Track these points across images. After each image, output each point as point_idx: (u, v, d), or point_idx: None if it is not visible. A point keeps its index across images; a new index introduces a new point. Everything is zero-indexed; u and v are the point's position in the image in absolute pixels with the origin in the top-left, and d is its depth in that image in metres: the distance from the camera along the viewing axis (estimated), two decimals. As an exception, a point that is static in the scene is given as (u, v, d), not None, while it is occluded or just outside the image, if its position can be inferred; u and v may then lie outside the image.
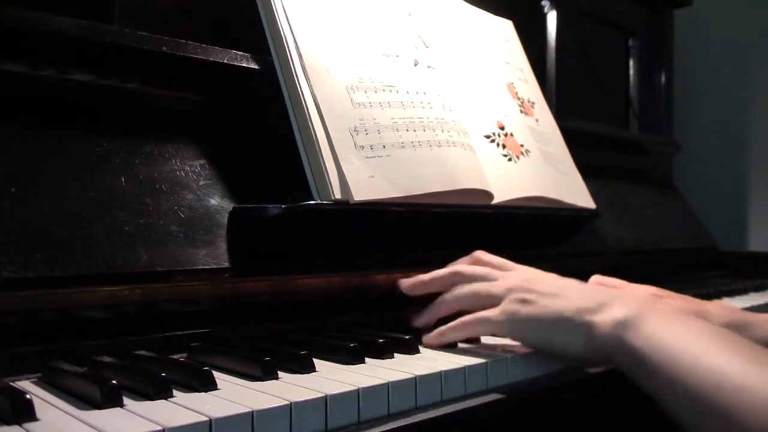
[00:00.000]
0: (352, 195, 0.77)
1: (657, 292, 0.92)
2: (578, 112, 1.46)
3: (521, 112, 1.11)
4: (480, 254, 0.80)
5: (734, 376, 0.56)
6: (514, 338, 0.71)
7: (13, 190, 0.64)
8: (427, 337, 0.74)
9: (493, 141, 1.01)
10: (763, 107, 1.94)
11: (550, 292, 0.70)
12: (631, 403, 0.68)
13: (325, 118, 0.79)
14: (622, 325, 0.64)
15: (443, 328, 0.73)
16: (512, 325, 0.70)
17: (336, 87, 0.82)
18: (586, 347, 0.66)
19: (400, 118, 0.86)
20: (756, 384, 0.55)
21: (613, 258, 1.26)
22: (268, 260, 0.78)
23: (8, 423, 0.46)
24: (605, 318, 0.65)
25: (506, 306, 0.70)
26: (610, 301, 0.67)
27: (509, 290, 0.72)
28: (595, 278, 0.94)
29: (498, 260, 0.79)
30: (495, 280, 0.74)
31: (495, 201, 0.95)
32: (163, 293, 0.70)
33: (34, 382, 0.59)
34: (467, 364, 0.64)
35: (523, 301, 0.70)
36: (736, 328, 0.84)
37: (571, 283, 0.73)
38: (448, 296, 0.77)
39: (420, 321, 0.78)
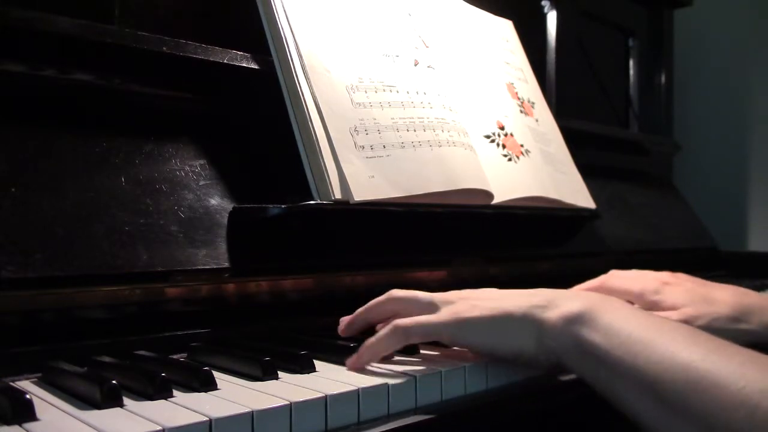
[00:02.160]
0: (352, 195, 0.77)
1: (671, 276, 0.92)
2: (578, 112, 1.46)
3: (521, 112, 1.11)
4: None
5: (709, 372, 0.51)
6: (457, 343, 0.65)
7: (13, 190, 0.64)
8: (351, 360, 0.63)
9: (493, 141, 1.01)
10: (763, 107, 1.94)
11: (493, 297, 0.66)
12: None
13: (325, 118, 0.79)
14: (577, 319, 0.58)
15: (372, 339, 0.63)
16: (456, 326, 0.63)
17: (336, 87, 0.82)
18: (539, 347, 0.60)
19: (400, 118, 0.86)
20: (735, 381, 0.50)
21: (613, 258, 1.26)
22: (268, 260, 0.78)
23: (8, 423, 0.46)
24: (557, 313, 0.60)
25: (451, 308, 0.64)
26: (561, 298, 0.61)
27: (449, 301, 0.66)
28: (604, 276, 0.94)
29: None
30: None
31: (495, 201, 0.95)
32: (163, 293, 0.70)
33: (34, 382, 0.59)
34: (467, 364, 0.64)
35: (470, 307, 0.64)
36: (745, 312, 0.84)
37: (517, 291, 0.67)
38: (377, 300, 0.70)
39: (344, 329, 0.71)
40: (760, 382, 0.49)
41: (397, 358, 0.67)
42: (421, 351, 0.70)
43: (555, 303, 0.61)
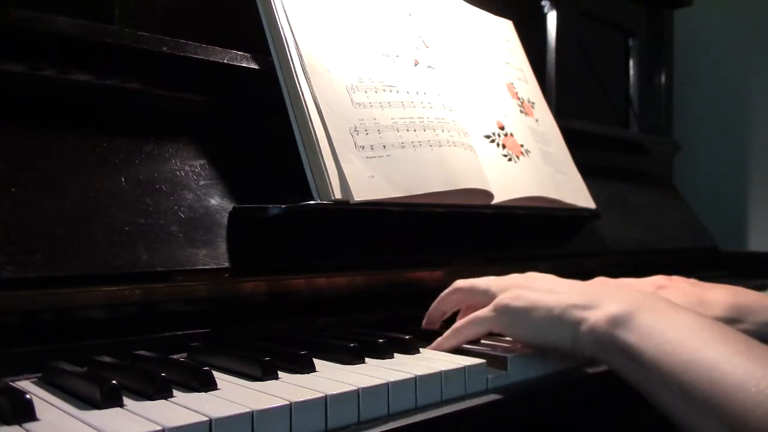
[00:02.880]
0: (352, 195, 0.77)
1: (665, 279, 0.92)
2: (578, 112, 1.46)
3: (521, 112, 1.11)
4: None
5: (734, 373, 0.55)
6: (505, 333, 0.71)
7: (13, 190, 0.64)
8: (436, 342, 0.73)
9: (493, 141, 1.01)
10: (763, 107, 1.94)
11: (543, 287, 0.70)
12: (629, 404, 0.67)
13: (325, 118, 0.79)
14: (615, 321, 0.62)
15: (438, 339, 0.72)
16: (502, 319, 0.69)
17: (336, 87, 0.82)
18: (575, 343, 0.65)
19: (400, 118, 0.86)
20: (756, 382, 0.53)
21: (613, 258, 1.26)
22: (268, 260, 0.78)
23: (8, 423, 0.46)
24: (597, 315, 0.64)
25: (498, 301, 0.70)
26: (604, 299, 0.65)
27: (503, 287, 0.72)
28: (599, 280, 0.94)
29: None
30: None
31: (495, 201, 0.95)
32: (163, 293, 0.70)
33: (34, 382, 0.59)
34: (467, 364, 0.64)
35: (515, 297, 0.69)
36: (740, 312, 0.84)
37: (566, 281, 0.72)
38: (445, 292, 0.78)
39: (426, 323, 0.80)
40: None
41: (396, 356, 0.67)
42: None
43: (596, 303, 0.65)
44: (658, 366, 0.58)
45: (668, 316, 0.62)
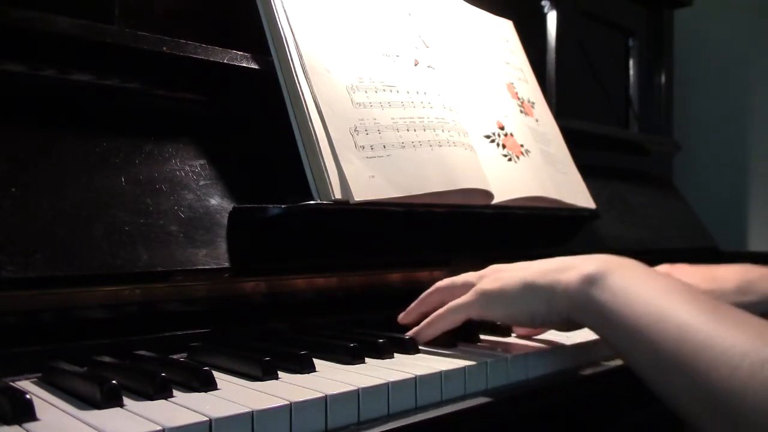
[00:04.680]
0: (352, 195, 0.77)
1: (671, 267, 0.93)
2: (578, 112, 1.46)
3: (521, 112, 1.11)
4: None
5: (700, 332, 0.55)
6: (485, 315, 0.71)
7: (13, 190, 0.64)
8: (412, 331, 0.74)
9: (493, 141, 1.01)
10: (763, 107, 1.94)
11: (518, 267, 0.71)
12: (627, 403, 0.68)
13: (325, 118, 0.79)
14: (589, 279, 0.63)
15: (419, 326, 0.73)
16: (481, 302, 0.70)
17: (336, 87, 0.82)
18: (550, 306, 0.66)
19: (400, 118, 0.86)
20: (721, 342, 0.54)
21: (613, 258, 1.26)
22: (268, 260, 0.78)
23: (8, 423, 0.46)
24: (571, 275, 0.65)
25: (477, 287, 0.71)
26: (578, 261, 0.66)
27: (481, 276, 0.73)
28: None
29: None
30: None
31: (495, 201, 0.95)
32: (163, 293, 0.70)
33: (34, 382, 0.59)
34: (467, 364, 0.64)
35: (492, 280, 0.71)
36: (748, 285, 0.86)
37: (542, 261, 0.72)
38: (425, 293, 0.78)
39: (403, 317, 0.79)
40: (743, 345, 0.53)
41: (396, 356, 0.67)
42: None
43: (571, 265, 0.66)
44: (629, 324, 0.60)
45: (641, 277, 0.63)
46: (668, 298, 0.60)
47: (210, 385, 0.55)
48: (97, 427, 0.45)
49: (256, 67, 0.85)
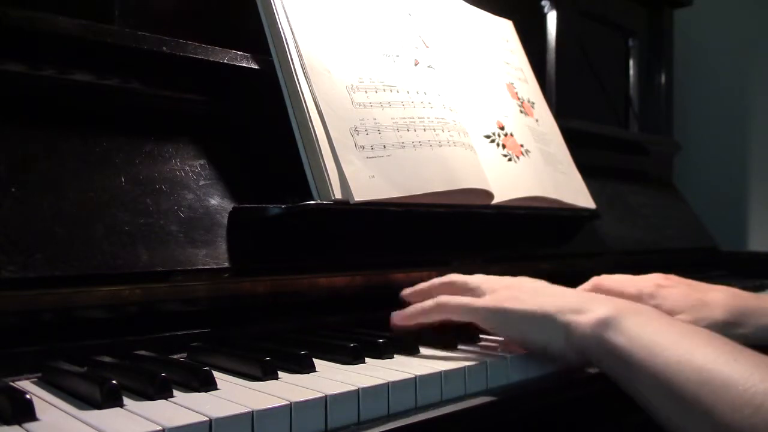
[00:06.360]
0: (352, 195, 0.77)
1: (663, 278, 0.92)
2: (578, 112, 1.46)
3: (521, 112, 1.11)
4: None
5: (722, 372, 0.56)
6: (496, 331, 0.71)
7: (13, 190, 0.64)
8: (397, 315, 0.75)
9: (493, 141, 1.01)
10: (763, 107, 1.94)
11: (534, 290, 0.72)
12: (627, 403, 0.68)
13: (325, 118, 0.79)
14: (604, 323, 0.64)
15: (417, 306, 0.74)
16: (497, 317, 0.69)
17: (336, 87, 0.82)
18: (567, 345, 0.66)
19: (400, 118, 0.86)
20: (743, 382, 0.54)
21: (612, 258, 1.26)
22: (268, 260, 0.78)
23: (8, 423, 0.46)
24: (587, 317, 0.65)
25: (491, 296, 0.72)
26: (594, 303, 0.67)
27: (494, 288, 0.73)
28: (595, 279, 0.94)
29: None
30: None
31: (495, 201, 0.95)
32: (163, 293, 0.70)
33: (34, 382, 0.59)
34: (467, 364, 0.64)
35: (512, 297, 0.70)
36: (739, 314, 0.85)
37: (554, 286, 0.74)
38: (437, 281, 0.78)
39: (409, 294, 0.80)
40: (764, 384, 0.53)
41: (396, 356, 0.67)
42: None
43: (587, 307, 0.66)
44: (647, 367, 0.60)
45: (656, 321, 0.64)
46: (686, 340, 0.60)
47: (210, 385, 0.55)
48: (97, 427, 0.45)
49: (256, 67, 0.85)
